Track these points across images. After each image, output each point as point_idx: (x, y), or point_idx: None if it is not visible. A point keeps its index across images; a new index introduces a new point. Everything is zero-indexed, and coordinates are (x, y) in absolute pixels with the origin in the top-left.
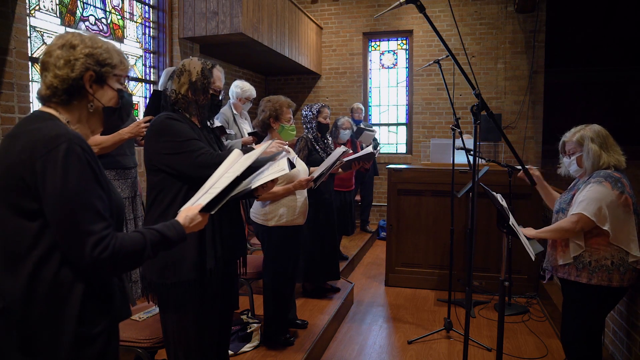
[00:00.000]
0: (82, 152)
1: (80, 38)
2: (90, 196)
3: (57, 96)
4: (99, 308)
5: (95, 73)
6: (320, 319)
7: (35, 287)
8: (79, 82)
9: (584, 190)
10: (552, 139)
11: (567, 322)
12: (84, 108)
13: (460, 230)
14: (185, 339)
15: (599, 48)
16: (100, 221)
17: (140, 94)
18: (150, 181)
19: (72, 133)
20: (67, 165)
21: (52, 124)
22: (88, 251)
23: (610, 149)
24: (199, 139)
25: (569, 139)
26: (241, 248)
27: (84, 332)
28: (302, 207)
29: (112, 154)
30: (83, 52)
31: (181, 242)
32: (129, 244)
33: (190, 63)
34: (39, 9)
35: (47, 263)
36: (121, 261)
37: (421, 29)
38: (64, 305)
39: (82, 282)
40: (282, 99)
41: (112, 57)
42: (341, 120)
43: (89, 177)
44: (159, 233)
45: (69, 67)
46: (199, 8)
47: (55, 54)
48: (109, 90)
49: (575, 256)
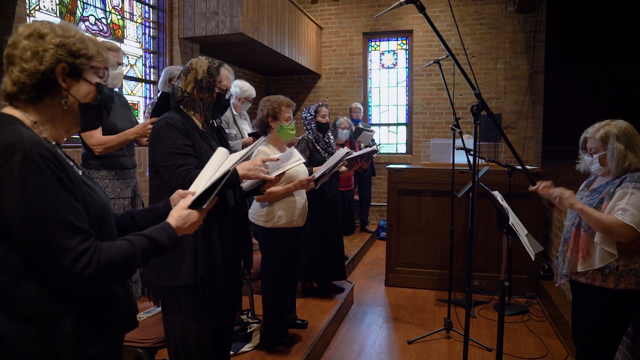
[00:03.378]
0: (41, 159)
1: (50, 26)
2: (59, 209)
3: (25, 93)
4: (97, 325)
5: (68, 65)
6: (320, 319)
7: (17, 313)
8: (49, 76)
9: (627, 197)
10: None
11: (588, 329)
12: (56, 105)
13: (460, 230)
14: (187, 340)
15: (598, 48)
16: (75, 234)
17: (140, 94)
18: (152, 182)
19: (27, 139)
20: (26, 177)
21: (6, 130)
22: (66, 269)
23: (637, 148)
24: (191, 147)
25: (592, 135)
26: (246, 250)
27: (83, 351)
28: (302, 209)
29: (112, 154)
30: (53, 42)
31: (176, 246)
32: (116, 255)
33: (197, 62)
34: (39, 9)
35: (24, 286)
36: (108, 275)
37: (421, 29)
38: (56, 328)
39: (73, 302)
40: (281, 98)
41: (87, 47)
42: (340, 120)
43: (54, 187)
44: (148, 239)
45: (37, 59)
46: (199, 8)
47: (21, 44)
48: (85, 84)
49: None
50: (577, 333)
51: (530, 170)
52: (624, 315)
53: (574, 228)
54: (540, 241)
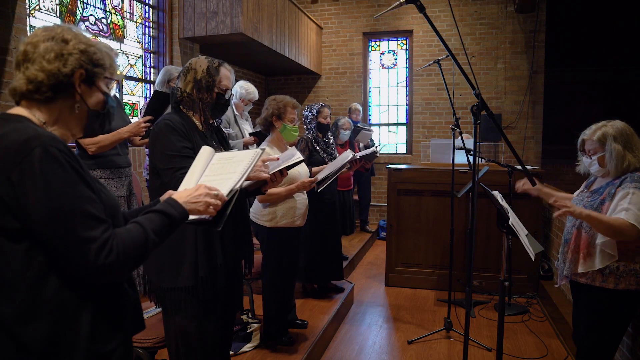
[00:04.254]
0: (60, 153)
1: (72, 33)
2: (81, 201)
3: (41, 92)
4: (111, 324)
5: (86, 72)
6: (320, 319)
7: (35, 311)
8: (69, 79)
9: (628, 197)
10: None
11: (588, 329)
12: (66, 108)
13: (460, 230)
14: (187, 340)
15: (599, 48)
16: (98, 225)
17: (140, 94)
18: (152, 184)
19: (44, 134)
20: (46, 172)
21: (19, 127)
22: (92, 260)
23: (635, 148)
24: (191, 149)
25: (589, 137)
26: (246, 250)
27: (98, 350)
28: (302, 209)
29: (105, 153)
30: (78, 48)
31: (185, 219)
32: (129, 239)
33: (197, 61)
34: (39, 9)
35: (45, 285)
36: (128, 260)
37: (421, 29)
38: (73, 326)
39: (90, 301)
40: (287, 98)
41: (104, 58)
42: (342, 121)
43: (74, 180)
44: (156, 213)
45: (61, 61)
46: (199, 8)
47: (43, 45)
48: (97, 92)
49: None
50: (578, 333)
51: (530, 170)
52: (624, 316)
53: (575, 229)
54: (540, 241)
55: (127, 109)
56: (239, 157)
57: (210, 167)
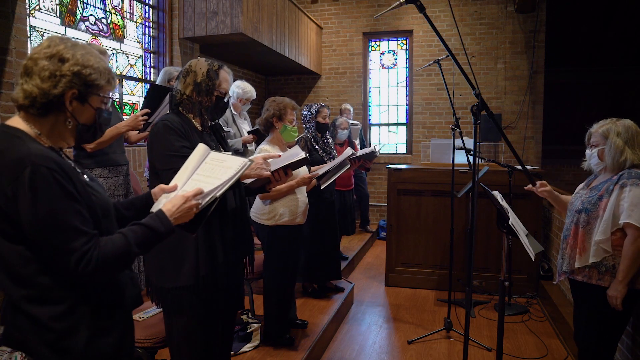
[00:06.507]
0: (49, 171)
1: (72, 52)
2: (65, 215)
3: (35, 108)
4: (111, 300)
5: (79, 92)
6: (320, 319)
7: (44, 300)
8: (59, 99)
9: (625, 195)
10: (552, 139)
11: (587, 328)
12: (59, 122)
13: (460, 230)
14: (187, 340)
15: (598, 48)
16: (79, 237)
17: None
18: (152, 184)
19: (35, 153)
20: (35, 189)
21: (16, 144)
22: (72, 268)
23: (638, 146)
24: (189, 148)
25: (595, 130)
26: (247, 248)
27: (102, 325)
28: (303, 207)
29: (103, 151)
30: (71, 70)
31: (171, 233)
32: (111, 250)
33: (196, 64)
34: (39, 9)
35: (47, 273)
36: (107, 268)
37: (421, 29)
38: (77, 308)
39: (87, 287)
40: (287, 100)
41: (100, 78)
42: (339, 120)
43: (60, 196)
44: (141, 227)
45: (52, 81)
46: (199, 8)
47: (41, 63)
48: (89, 109)
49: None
50: (578, 333)
51: (530, 170)
52: (621, 314)
53: (573, 225)
54: (540, 241)
55: (127, 109)
56: (228, 162)
57: (203, 165)
